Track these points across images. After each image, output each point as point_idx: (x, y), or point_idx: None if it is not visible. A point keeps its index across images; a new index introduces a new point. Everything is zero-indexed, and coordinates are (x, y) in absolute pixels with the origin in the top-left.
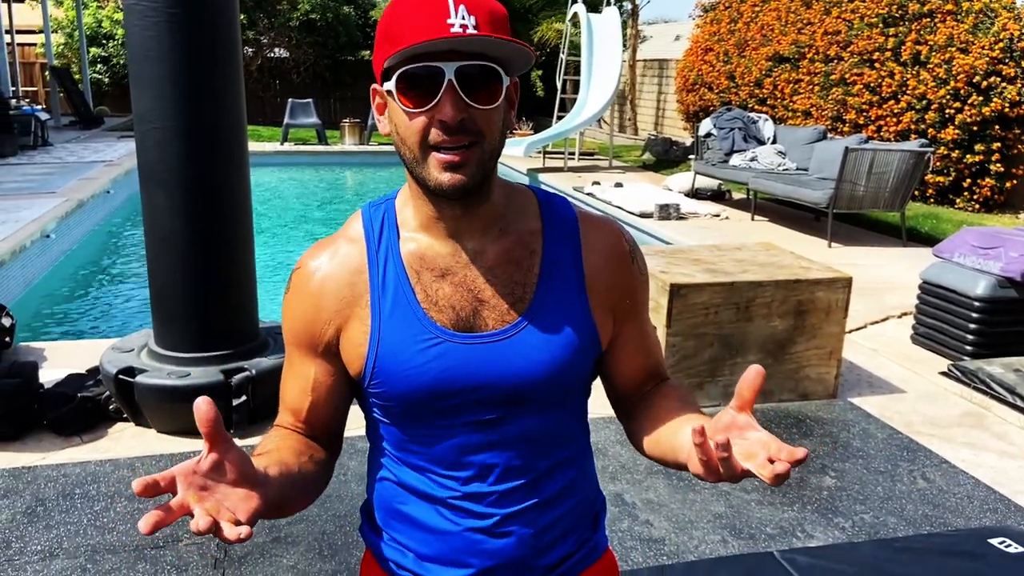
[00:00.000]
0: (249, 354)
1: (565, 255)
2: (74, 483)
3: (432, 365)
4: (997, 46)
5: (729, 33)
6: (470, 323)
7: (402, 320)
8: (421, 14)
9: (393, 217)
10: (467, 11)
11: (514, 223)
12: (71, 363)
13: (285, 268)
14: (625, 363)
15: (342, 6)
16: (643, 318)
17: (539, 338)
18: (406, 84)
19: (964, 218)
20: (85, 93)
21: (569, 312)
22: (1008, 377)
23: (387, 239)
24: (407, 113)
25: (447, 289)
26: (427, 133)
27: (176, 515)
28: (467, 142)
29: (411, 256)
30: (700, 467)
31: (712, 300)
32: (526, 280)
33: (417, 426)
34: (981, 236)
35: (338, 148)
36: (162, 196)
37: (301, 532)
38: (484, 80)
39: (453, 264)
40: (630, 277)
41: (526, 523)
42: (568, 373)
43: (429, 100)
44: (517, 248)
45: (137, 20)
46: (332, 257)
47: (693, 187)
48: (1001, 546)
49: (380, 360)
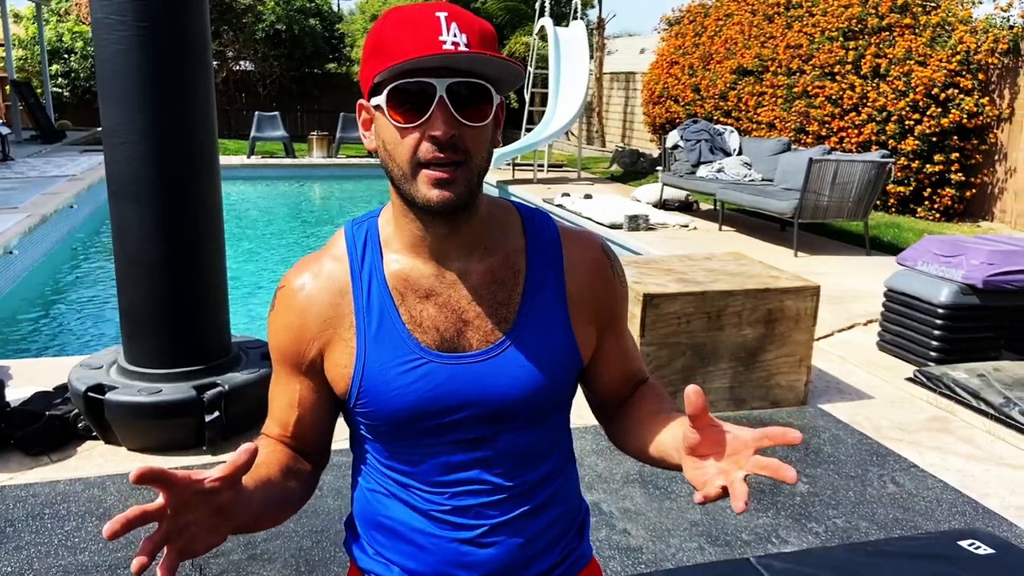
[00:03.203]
0: (221, 369)
1: (548, 272)
2: (43, 503)
3: (417, 386)
4: (954, 59)
5: (694, 47)
6: (454, 343)
7: (387, 341)
8: (413, 31)
9: (376, 236)
10: (459, 29)
11: (499, 241)
12: (37, 381)
13: (255, 282)
14: (607, 372)
15: (308, 18)
16: (623, 327)
17: (522, 357)
18: (397, 99)
19: (925, 227)
20: (47, 107)
21: (552, 330)
22: (972, 382)
23: (370, 259)
24: (397, 129)
25: (431, 310)
26: (417, 149)
27: (155, 548)
28: (456, 159)
29: (395, 277)
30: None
31: (684, 309)
32: (510, 299)
33: (403, 444)
34: (943, 244)
35: (306, 161)
36: (131, 210)
37: (278, 548)
38: (474, 98)
39: (437, 285)
40: (611, 289)
41: (513, 533)
42: (552, 390)
43: (419, 116)
44: (501, 268)
45: (106, 34)
46: (316, 277)
47: (661, 198)
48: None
49: (366, 381)
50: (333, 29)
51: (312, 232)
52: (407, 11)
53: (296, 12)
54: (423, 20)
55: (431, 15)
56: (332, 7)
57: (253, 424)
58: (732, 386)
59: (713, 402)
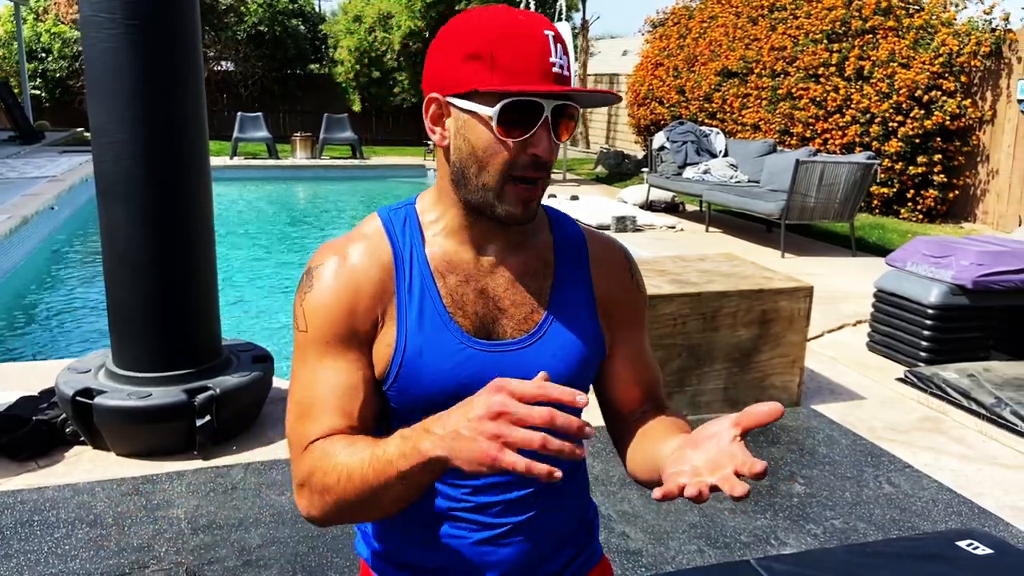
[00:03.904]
0: (212, 372)
1: (575, 268)
2: (32, 510)
3: (457, 371)
4: (937, 61)
5: (678, 48)
6: (489, 330)
7: (428, 324)
8: (525, 48)
9: (416, 220)
10: (562, 50)
11: (531, 236)
12: (22, 385)
13: (240, 286)
14: (622, 375)
15: (290, 19)
16: (641, 334)
17: (554, 347)
18: (507, 115)
19: (909, 228)
20: (25, 108)
21: (580, 322)
22: (962, 382)
23: (411, 240)
24: (500, 141)
25: (471, 295)
26: (513, 161)
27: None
28: (543, 177)
29: (436, 259)
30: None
31: (680, 311)
32: (541, 291)
33: None
34: (932, 245)
35: (289, 162)
36: (120, 210)
37: (273, 555)
38: (565, 117)
39: (475, 271)
40: (631, 291)
41: (531, 531)
42: (579, 381)
43: (523, 131)
44: (533, 260)
45: (95, 32)
46: (362, 252)
47: (647, 200)
48: (969, 548)
49: (406, 363)
50: (316, 30)
51: (298, 234)
52: (515, 20)
53: (278, 13)
54: (535, 37)
55: (541, 33)
56: (315, 8)
57: (245, 428)
58: (726, 387)
59: (708, 403)
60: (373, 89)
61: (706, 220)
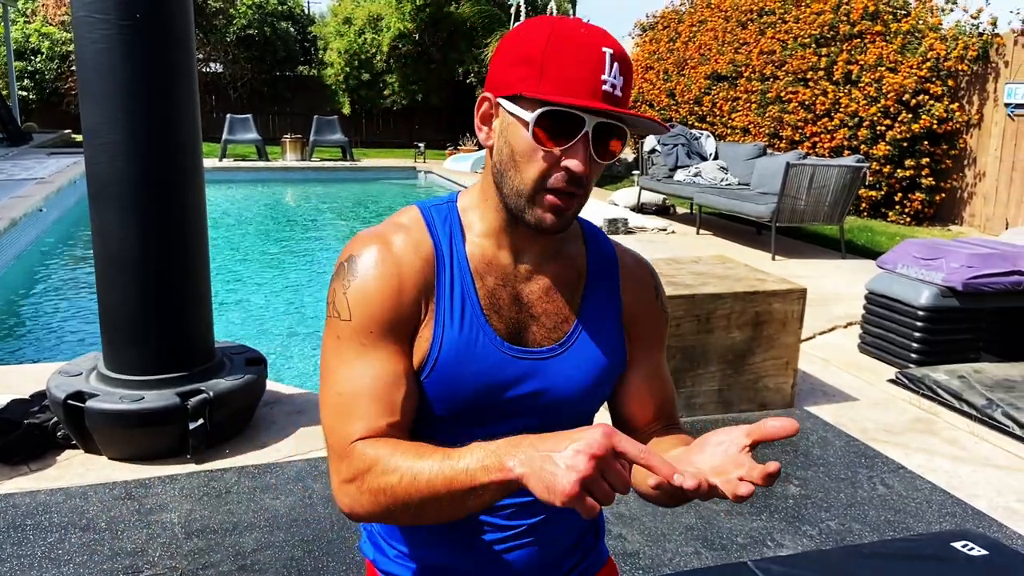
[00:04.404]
0: (205, 375)
1: (605, 283)
2: (24, 514)
3: (487, 373)
4: (925, 65)
5: (668, 52)
6: (520, 336)
7: (464, 322)
8: (578, 60)
9: (457, 218)
10: (619, 70)
11: (566, 247)
12: (13, 388)
13: (231, 290)
14: (637, 391)
15: (280, 21)
16: (660, 353)
17: (580, 358)
18: (546, 123)
19: (897, 231)
20: (13, 109)
21: (606, 336)
22: (953, 383)
23: (453, 237)
24: (539, 149)
25: (506, 299)
26: (548, 172)
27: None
28: (577, 192)
29: (476, 258)
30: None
31: (675, 312)
32: (572, 301)
33: (454, 430)
34: (923, 247)
35: (279, 164)
36: (113, 212)
37: (268, 559)
38: (610, 137)
39: (512, 276)
40: (655, 310)
41: (542, 534)
42: (600, 393)
43: (562, 143)
44: (567, 270)
45: (87, 33)
46: (404, 241)
47: (639, 202)
48: (965, 550)
49: (441, 359)
50: (306, 32)
51: (288, 236)
52: (573, 32)
53: (268, 15)
54: (590, 52)
55: (598, 49)
56: (304, 10)
57: (238, 431)
58: (721, 389)
59: (702, 404)
60: (363, 91)
61: (697, 223)
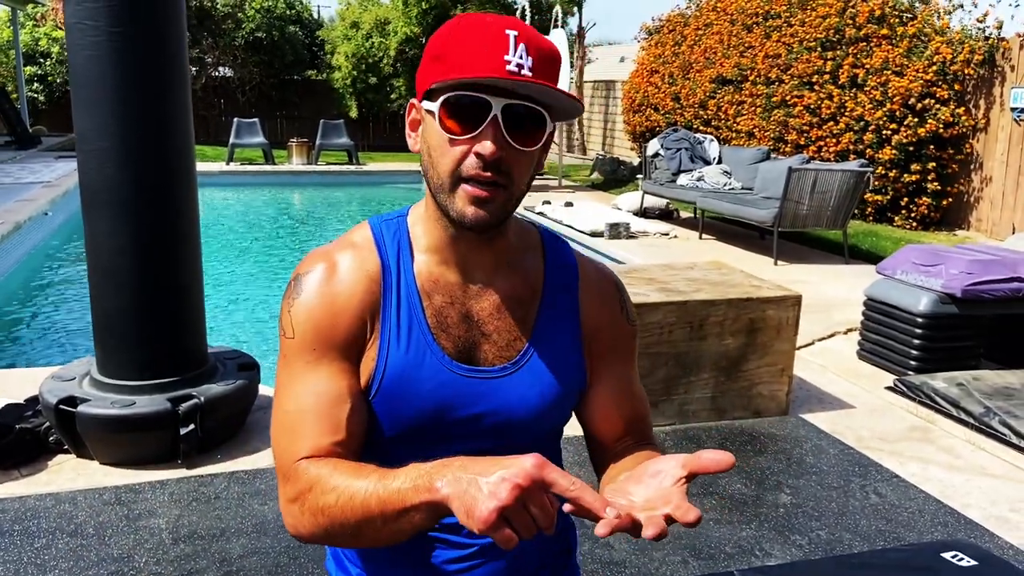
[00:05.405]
0: (197, 380)
1: (563, 297)
2: (13, 519)
3: (435, 394)
4: (931, 69)
5: (674, 56)
6: (470, 355)
7: (411, 342)
8: (480, 44)
9: (406, 234)
10: (526, 51)
11: (521, 261)
12: (7, 392)
13: (232, 293)
14: (603, 407)
15: (288, 25)
16: (629, 370)
17: (534, 378)
18: (451, 109)
19: (902, 235)
20: (21, 112)
21: (562, 353)
22: (951, 391)
23: (400, 255)
24: (448, 139)
25: (455, 317)
26: (462, 162)
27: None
28: (499, 181)
29: (423, 276)
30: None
31: (666, 319)
32: (526, 318)
33: (402, 453)
34: (922, 254)
35: (286, 168)
36: (105, 218)
37: (254, 565)
38: (528, 122)
39: (461, 295)
40: (620, 323)
41: (504, 552)
42: (557, 412)
43: (471, 130)
44: (521, 286)
45: (78, 39)
46: (351, 259)
47: (642, 206)
48: (954, 560)
49: (386, 380)
50: (313, 36)
51: (292, 241)
52: (477, 21)
53: (276, 19)
54: (492, 35)
55: (501, 31)
56: (312, 14)
57: (230, 436)
58: (714, 396)
59: (695, 412)
60: (370, 95)
61: (700, 227)
